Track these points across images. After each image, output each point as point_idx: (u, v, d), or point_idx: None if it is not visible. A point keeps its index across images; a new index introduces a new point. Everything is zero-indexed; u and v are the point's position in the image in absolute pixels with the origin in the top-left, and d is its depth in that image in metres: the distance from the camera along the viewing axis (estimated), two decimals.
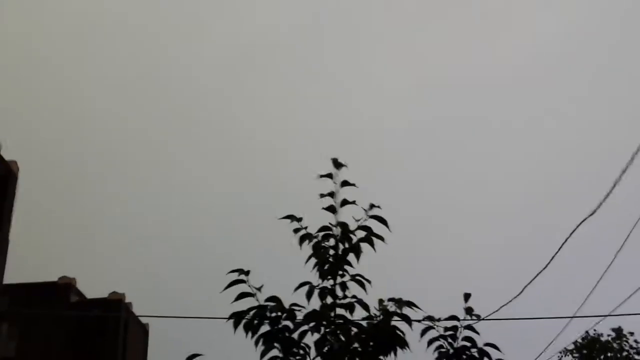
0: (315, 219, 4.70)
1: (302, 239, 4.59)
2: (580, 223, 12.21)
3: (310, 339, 4.52)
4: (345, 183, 4.56)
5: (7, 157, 29.42)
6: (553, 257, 13.33)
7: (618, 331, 31.26)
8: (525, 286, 14.08)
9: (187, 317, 19.54)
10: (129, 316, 35.82)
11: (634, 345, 31.60)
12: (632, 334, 31.60)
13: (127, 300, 36.09)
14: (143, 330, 39.18)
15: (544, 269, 13.62)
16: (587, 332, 30.69)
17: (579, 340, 31.01)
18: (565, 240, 12.72)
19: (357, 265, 4.61)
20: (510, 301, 14.06)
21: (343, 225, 4.60)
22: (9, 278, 28.71)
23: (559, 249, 13.07)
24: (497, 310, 14.07)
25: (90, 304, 36.54)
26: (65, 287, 35.74)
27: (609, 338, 31.38)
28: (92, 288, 36.67)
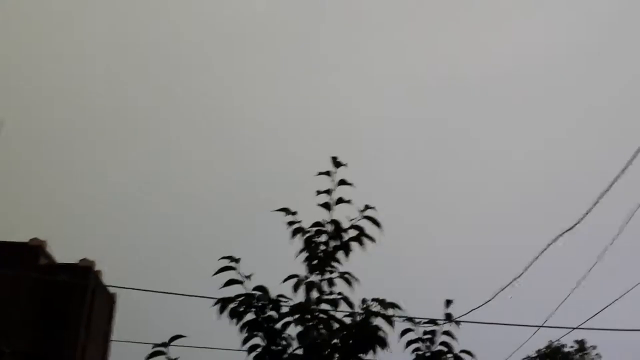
0: (308, 211, 4.75)
1: (294, 233, 4.64)
2: (559, 236, 12.39)
3: (294, 331, 4.59)
4: (342, 182, 4.61)
5: None
6: (528, 267, 13.52)
7: (581, 344, 31.75)
8: (498, 292, 14.27)
9: (155, 292, 19.48)
10: (98, 284, 35.68)
11: (596, 359, 32.16)
12: (594, 347, 32.15)
13: (97, 268, 35.93)
14: (110, 300, 39.02)
15: (518, 278, 13.81)
16: (551, 341, 31.16)
17: (543, 349, 31.45)
18: (542, 251, 12.91)
19: (345, 263, 4.68)
20: (481, 306, 14.26)
21: (336, 223, 4.66)
22: None
23: (535, 259, 13.27)
24: (466, 314, 14.24)
25: (59, 268, 36.29)
26: (35, 249, 35.45)
27: (572, 349, 31.88)
28: (63, 253, 36.39)
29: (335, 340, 4.61)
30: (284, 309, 4.59)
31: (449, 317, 5.04)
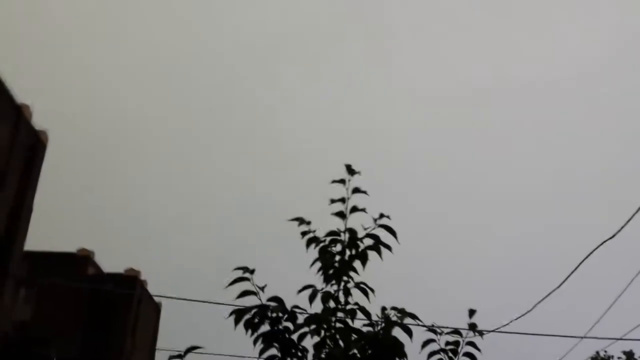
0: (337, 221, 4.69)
1: (308, 242, 4.60)
2: (600, 245, 12.06)
3: (310, 342, 4.54)
4: (356, 190, 4.55)
5: (37, 127, 29.73)
6: (568, 276, 13.21)
7: (629, 355, 30.85)
8: (538, 303, 13.97)
9: (199, 301, 19.70)
10: (143, 293, 36.16)
11: None
12: None
13: (142, 278, 36.43)
14: (156, 309, 39.52)
15: (559, 287, 13.50)
16: (597, 352, 30.38)
17: None
18: (583, 260, 12.59)
19: (368, 273, 4.61)
20: (522, 316, 13.96)
21: (351, 232, 4.59)
22: (30, 245, 29.15)
23: (576, 269, 12.95)
24: (507, 324, 13.99)
25: (106, 278, 36.92)
26: (83, 259, 36.17)
27: None
28: (110, 262, 37.02)
29: (353, 351, 4.54)
30: (300, 320, 4.53)
31: (472, 327, 4.94)
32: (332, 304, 4.56)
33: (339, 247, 4.63)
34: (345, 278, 4.61)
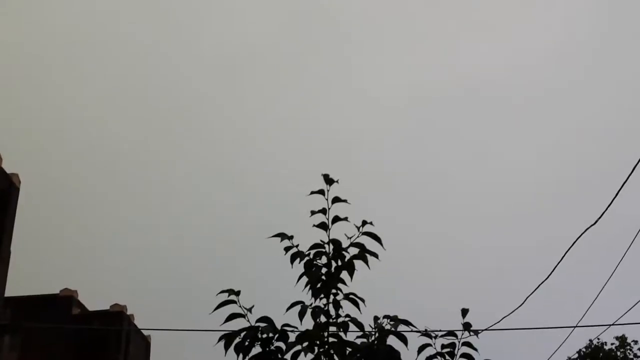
0: (318, 233, 4.59)
1: (293, 258, 4.48)
2: (583, 232, 12.07)
3: None
4: (336, 199, 4.45)
5: (8, 170, 29.35)
6: (555, 267, 13.20)
7: (622, 339, 31.04)
8: (528, 296, 13.93)
9: (189, 330, 19.46)
10: (131, 328, 35.66)
11: (639, 353, 31.37)
12: (636, 342, 31.36)
13: (128, 313, 35.94)
14: (145, 343, 39.00)
15: (547, 279, 13.48)
16: (590, 340, 30.51)
17: (583, 350, 30.80)
18: (568, 250, 12.59)
19: (356, 278, 4.51)
20: (512, 312, 13.91)
21: (335, 243, 4.49)
22: (11, 291, 28.66)
23: (562, 259, 12.94)
24: (499, 322, 13.93)
25: (92, 316, 36.39)
26: (66, 300, 35.63)
27: (613, 347, 31.16)
28: (94, 300, 36.51)
29: None
30: (292, 338, 4.41)
31: (467, 327, 4.86)
32: (322, 318, 4.45)
33: (324, 260, 4.52)
34: (333, 290, 4.50)
